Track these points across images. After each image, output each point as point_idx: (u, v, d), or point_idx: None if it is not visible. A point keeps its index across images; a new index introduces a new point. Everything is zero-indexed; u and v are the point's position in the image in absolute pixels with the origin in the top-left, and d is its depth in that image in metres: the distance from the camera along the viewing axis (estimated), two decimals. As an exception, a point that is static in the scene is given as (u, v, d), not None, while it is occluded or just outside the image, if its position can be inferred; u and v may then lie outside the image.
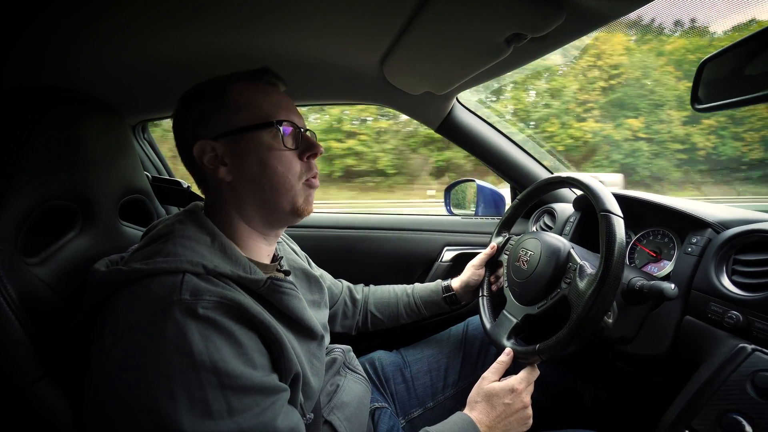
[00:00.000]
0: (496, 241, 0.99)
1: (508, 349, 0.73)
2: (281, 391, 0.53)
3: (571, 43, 0.71)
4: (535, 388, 0.70)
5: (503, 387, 0.68)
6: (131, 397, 0.45)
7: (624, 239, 0.64)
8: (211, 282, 0.51)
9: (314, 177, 0.66)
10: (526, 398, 0.68)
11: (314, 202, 0.68)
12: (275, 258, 0.72)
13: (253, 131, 0.60)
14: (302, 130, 0.64)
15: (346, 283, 1.03)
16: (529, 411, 0.68)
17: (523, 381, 0.68)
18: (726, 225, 0.74)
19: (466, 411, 0.68)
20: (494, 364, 0.72)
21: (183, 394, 0.44)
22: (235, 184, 0.61)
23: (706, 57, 0.61)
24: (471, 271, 0.97)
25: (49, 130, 0.61)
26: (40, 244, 0.62)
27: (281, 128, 0.61)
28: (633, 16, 0.64)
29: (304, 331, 0.63)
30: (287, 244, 0.86)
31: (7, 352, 0.51)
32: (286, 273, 0.73)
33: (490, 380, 0.70)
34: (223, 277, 0.54)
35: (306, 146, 0.64)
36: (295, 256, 0.83)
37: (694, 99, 0.62)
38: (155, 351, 0.45)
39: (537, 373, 0.70)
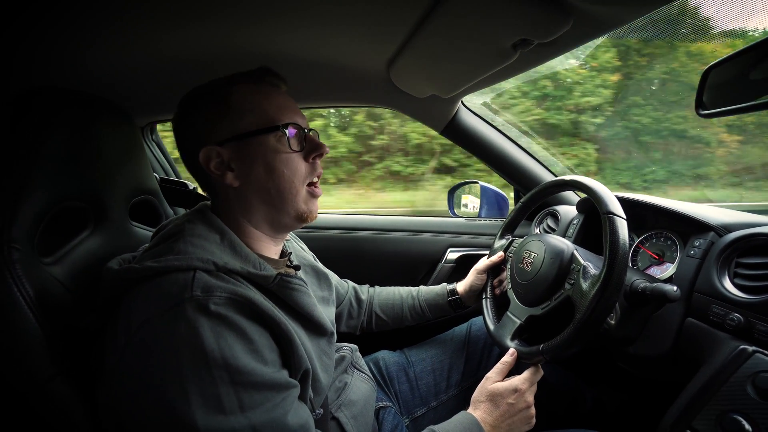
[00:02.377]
0: (498, 244, 1.00)
1: (512, 350, 0.73)
2: (291, 387, 0.54)
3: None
4: (538, 388, 0.71)
5: (507, 387, 0.69)
6: (144, 393, 0.46)
7: (627, 240, 0.64)
8: (221, 279, 0.52)
9: (317, 184, 0.66)
10: (530, 398, 0.69)
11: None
12: (284, 254, 0.73)
13: (259, 135, 0.60)
14: (306, 130, 0.64)
15: (351, 283, 1.04)
16: (533, 411, 0.69)
17: (526, 381, 0.69)
18: (728, 228, 0.75)
19: (470, 410, 0.69)
20: (498, 365, 0.73)
21: (195, 390, 0.45)
22: (241, 189, 0.61)
23: (712, 63, 0.62)
24: (474, 275, 0.98)
25: (62, 132, 0.62)
26: (54, 244, 0.63)
27: (287, 131, 0.61)
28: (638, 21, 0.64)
29: (314, 327, 0.64)
30: (296, 243, 0.87)
31: (24, 349, 0.52)
32: (296, 268, 0.73)
33: (493, 380, 0.71)
34: (234, 273, 0.55)
35: (311, 147, 0.64)
36: (305, 253, 0.84)
37: (699, 104, 0.63)
38: (168, 348, 0.46)
39: (541, 373, 0.71)
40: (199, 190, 1.15)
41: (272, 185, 0.61)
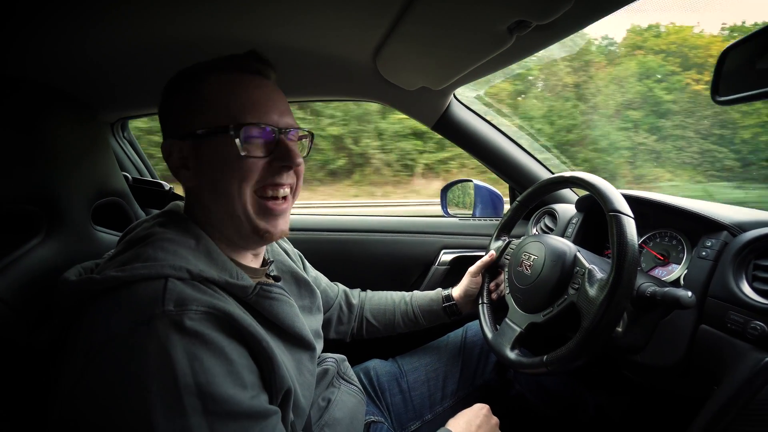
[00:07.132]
0: (495, 246, 0.95)
1: None
2: (270, 415, 0.48)
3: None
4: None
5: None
6: (104, 421, 0.41)
7: (636, 241, 0.60)
8: (197, 289, 0.47)
9: (275, 198, 0.56)
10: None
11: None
12: (264, 262, 0.68)
13: (214, 136, 0.53)
14: (283, 131, 0.55)
15: (342, 287, 0.98)
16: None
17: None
18: (743, 227, 0.69)
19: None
20: None
21: (163, 422, 0.40)
22: (196, 191, 0.56)
23: (729, 44, 0.56)
24: (469, 278, 0.93)
25: (4, 126, 0.55)
26: None
27: (241, 134, 0.52)
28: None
29: (295, 340, 0.59)
30: (278, 244, 0.80)
31: None
32: (276, 279, 0.68)
33: None
34: (210, 282, 0.49)
35: (279, 155, 0.55)
36: (286, 257, 0.78)
37: (715, 90, 0.58)
38: (134, 371, 0.41)
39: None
40: (177, 191, 1.08)
41: (219, 194, 0.54)
